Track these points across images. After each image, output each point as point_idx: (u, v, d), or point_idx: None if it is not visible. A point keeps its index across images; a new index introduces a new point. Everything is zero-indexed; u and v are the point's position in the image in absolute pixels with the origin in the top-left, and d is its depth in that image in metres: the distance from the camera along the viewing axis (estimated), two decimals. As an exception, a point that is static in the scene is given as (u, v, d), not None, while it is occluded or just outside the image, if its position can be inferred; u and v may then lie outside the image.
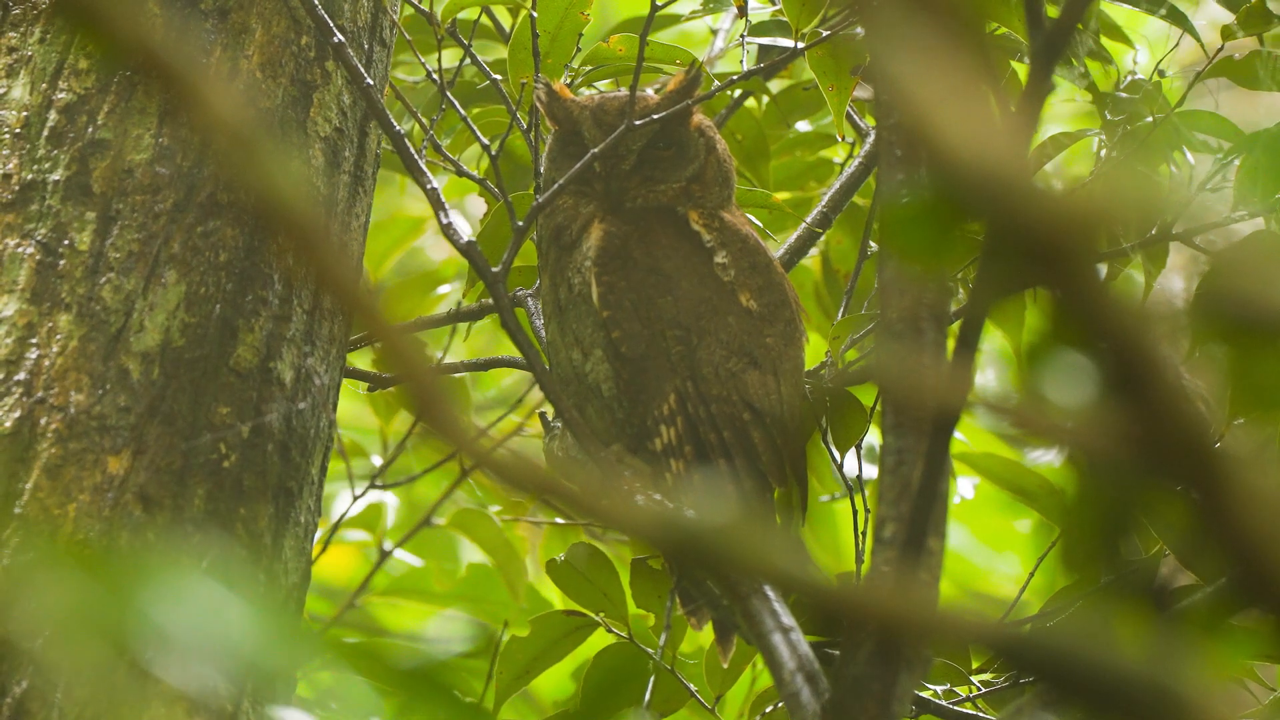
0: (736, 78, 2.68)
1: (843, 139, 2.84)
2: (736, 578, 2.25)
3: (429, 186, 2.52)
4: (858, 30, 2.62)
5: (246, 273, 2.37)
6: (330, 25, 2.45)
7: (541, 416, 2.68)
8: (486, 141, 2.67)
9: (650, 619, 2.66)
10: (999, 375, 3.07)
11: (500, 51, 2.95)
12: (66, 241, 2.32)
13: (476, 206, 3.50)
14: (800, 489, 2.51)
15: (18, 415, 2.25)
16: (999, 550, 4.23)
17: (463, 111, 2.68)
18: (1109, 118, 2.75)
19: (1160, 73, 2.78)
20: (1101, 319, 1.28)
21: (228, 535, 2.29)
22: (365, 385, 2.83)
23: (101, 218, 2.33)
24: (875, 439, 2.62)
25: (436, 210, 2.53)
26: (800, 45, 2.66)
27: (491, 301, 2.54)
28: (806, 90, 3.08)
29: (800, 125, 3.13)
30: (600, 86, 2.82)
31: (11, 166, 2.35)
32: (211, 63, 2.42)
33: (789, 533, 2.51)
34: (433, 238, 3.77)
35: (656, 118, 2.53)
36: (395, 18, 2.60)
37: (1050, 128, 2.99)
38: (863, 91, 2.76)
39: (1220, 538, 1.28)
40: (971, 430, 3.45)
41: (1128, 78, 2.79)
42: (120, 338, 2.30)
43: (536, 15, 2.63)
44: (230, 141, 1.37)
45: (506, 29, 3.03)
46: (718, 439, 2.47)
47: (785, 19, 2.68)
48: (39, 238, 2.32)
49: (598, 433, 2.50)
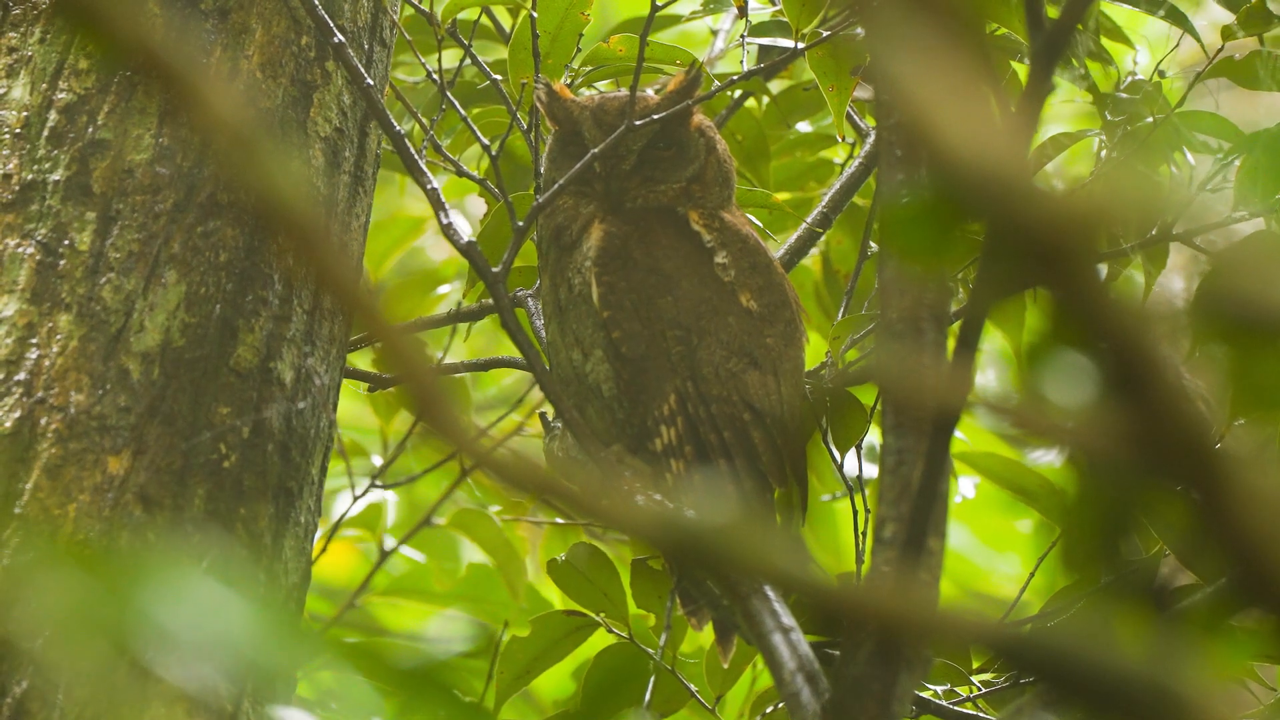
0: (737, 78, 2.68)
1: (843, 139, 2.84)
2: (736, 578, 2.25)
3: (429, 186, 2.52)
4: (858, 30, 2.62)
5: (247, 273, 2.37)
6: (330, 25, 2.45)
7: (541, 416, 2.68)
8: (486, 141, 2.67)
9: (650, 619, 2.66)
10: (999, 375, 3.07)
11: (500, 52, 2.95)
12: (66, 241, 2.32)
13: (476, 206, 3.50)
14: (800, 489, 2.51)
15: (18, 415, 2.25)
16: (999, 550, 4.23)
17: (463, 111, 2.67)
18: (1109, 118, 2.75)
19: (1160, 73, 2.78)
20: (1102, 319, 1.28)
21: (228, 535, 2.29)
22: (365, 385, 2.83)
23: (101, 218, 2.33)
24: (875, 439, 2.62)
25: (436, 210, 2.52)
26: (800, 46, 2.66)
27: (491, 301, 2.54)
28: (807, 91, 3.08)
29: (800, 126, 3.13)
30: (600, 87, 2.82)
31: (11, 166, 2.35)
32: (211, 63, 2.42)
33: (789, 533, 2.51)
34: (433, 238, 3.77)
35: (657, 118, 2.53)
36: (395, 18, 2.60)
37: (1050, 128, 2.99)
38: (863, 92, 2.76)
39: (1220, 538, 1.28)
40: (972, 430, 3.45)
41: (1128, 78, 2.79)
42: (120, 338, 2.29)
43: (536, 15, 2.63)
44: (230, 141, 1.37)
45: (506, 29, 3.03)
46: (718, 439, 2.47)
47: (785, 19, 2.68)
48: (39, 238, 2.32)
49: (598, 433, 2.50)
